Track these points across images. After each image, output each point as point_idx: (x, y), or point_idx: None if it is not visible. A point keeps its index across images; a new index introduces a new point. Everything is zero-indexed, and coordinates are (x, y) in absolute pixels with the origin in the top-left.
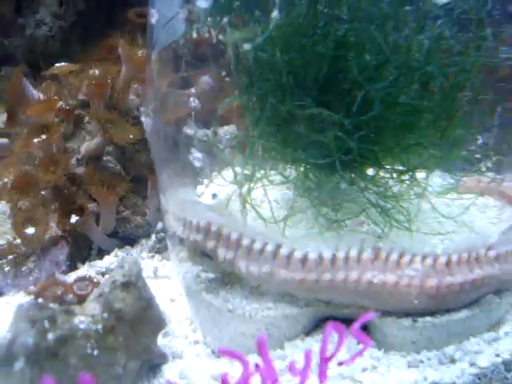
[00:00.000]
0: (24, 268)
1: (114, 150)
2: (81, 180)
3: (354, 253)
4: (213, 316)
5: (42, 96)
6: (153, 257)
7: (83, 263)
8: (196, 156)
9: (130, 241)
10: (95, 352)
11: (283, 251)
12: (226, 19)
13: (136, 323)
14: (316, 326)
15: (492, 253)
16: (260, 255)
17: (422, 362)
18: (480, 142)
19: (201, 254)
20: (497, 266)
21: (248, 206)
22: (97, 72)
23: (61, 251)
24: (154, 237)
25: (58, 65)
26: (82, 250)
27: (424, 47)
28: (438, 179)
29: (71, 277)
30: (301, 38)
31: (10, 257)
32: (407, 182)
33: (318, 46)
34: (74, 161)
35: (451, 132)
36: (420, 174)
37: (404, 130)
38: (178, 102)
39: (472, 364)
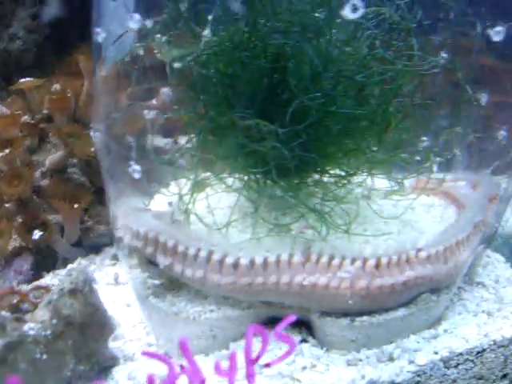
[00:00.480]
0: None
1: (80, 162)
2: (45, 193)
3: (285, 256)
4: (161, 319)
5: (6, 111)
6: (115, 264)
7: (48, 272)
8: (135, 168)
9: (94, 249)
10: (44, 356)
11: (215, 257)
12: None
13: (85, 328)
14: (265, 325)
15: (423, 254)
16: (194, 261)
17: (360, 360)
18: (425, 144)
19: (147, 261)
20: (429, 267)
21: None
22: (58, 87)
23: (25, 261)
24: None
25: (23, 80)
26: (48, 259)
27: (356, 57)
28: (385, 182)
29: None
30: (240, 52)
31: None
32: (348, 185)
33: (257, 60)
34: (38, 174)
35: (388, 136)
36: (365, 178)
37: (342, 136)
38: (134, 114)
39: (411, 362)
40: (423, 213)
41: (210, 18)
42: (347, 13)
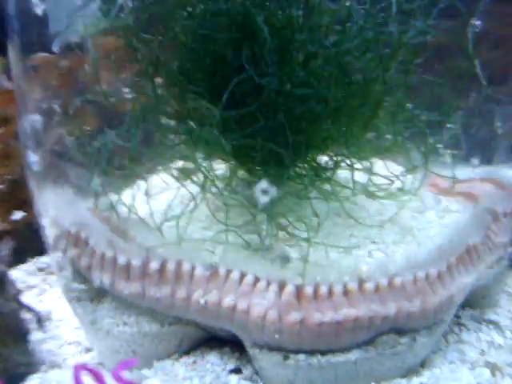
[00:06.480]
0: None
1: None
2: None
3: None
4: (85, 327)
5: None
6: None
7: (32, 258)
8: (33, 160)
9: None
10: None
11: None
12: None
13: None
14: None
15: (369, 286)
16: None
17: None
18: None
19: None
20: (374, 305)
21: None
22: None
23: (5, 246)
24: None
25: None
26: (34, 244)
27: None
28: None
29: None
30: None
31: None
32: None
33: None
34: None
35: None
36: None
37: (311, 121)
38: None
39: None
40: (436, 218)
41: None
42: None
